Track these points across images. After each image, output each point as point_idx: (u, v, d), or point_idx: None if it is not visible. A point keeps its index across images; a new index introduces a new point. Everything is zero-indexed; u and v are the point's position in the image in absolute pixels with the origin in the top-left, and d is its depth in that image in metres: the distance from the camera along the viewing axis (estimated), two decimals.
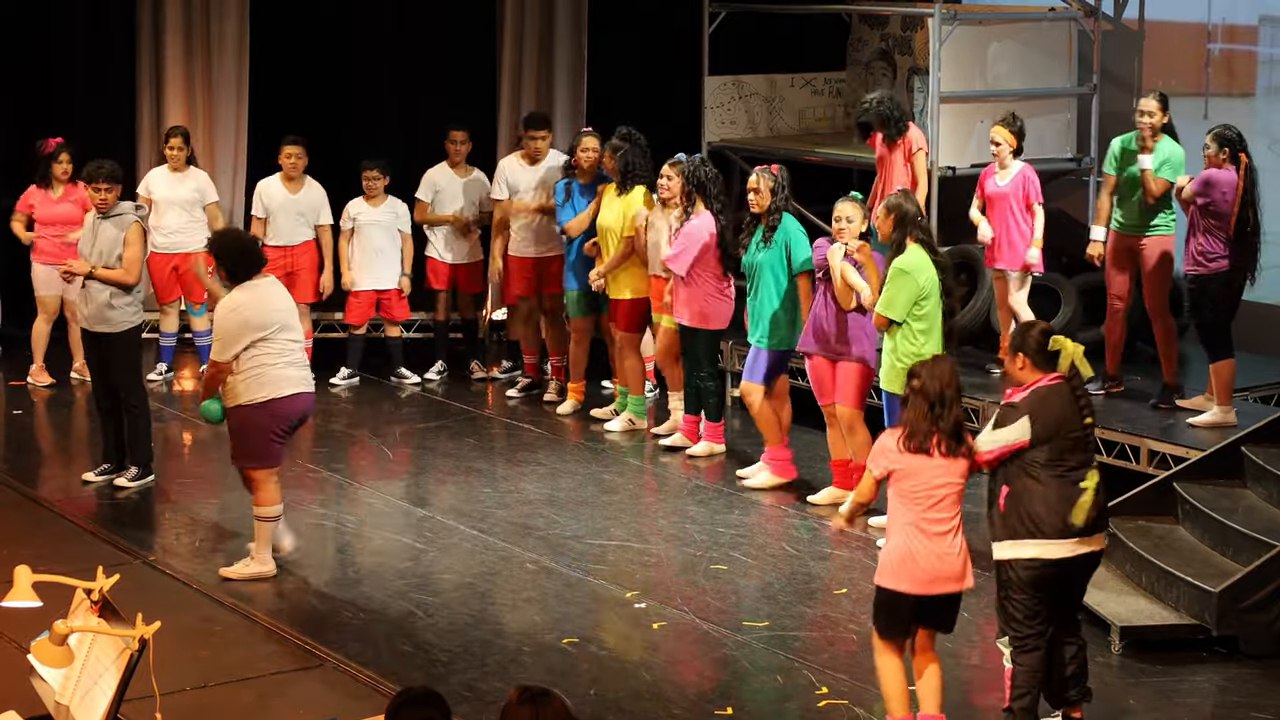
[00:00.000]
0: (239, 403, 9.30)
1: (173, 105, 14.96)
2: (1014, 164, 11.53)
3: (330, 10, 15.70)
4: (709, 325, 11.46)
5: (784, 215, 10.82)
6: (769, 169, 10.94)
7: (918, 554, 7.19)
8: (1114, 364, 11.55)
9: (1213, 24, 13.53)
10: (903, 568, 7.22)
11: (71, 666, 5.72)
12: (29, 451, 12.09)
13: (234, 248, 9.51)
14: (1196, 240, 10.62)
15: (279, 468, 9.54)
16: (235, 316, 9.24)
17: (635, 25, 15.62)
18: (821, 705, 7.96)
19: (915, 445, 7.21)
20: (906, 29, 15.30)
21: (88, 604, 5.74)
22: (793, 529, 10.41)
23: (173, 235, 13.47)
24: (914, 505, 7.22)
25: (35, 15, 14.86)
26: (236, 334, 9.21)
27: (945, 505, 7.21)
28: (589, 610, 9.18)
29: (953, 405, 7.20)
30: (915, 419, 7.22)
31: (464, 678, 8.21)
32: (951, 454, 7.20)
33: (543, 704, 4.87)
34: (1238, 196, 10.47)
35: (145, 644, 5.46)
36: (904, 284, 9.64)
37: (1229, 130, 10.62)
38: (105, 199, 10.87)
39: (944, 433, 7.19)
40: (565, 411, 12.72)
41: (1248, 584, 8.57)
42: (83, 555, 9.51)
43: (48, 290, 13.29)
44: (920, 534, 7.19)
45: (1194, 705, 8.13)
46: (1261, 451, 9.69)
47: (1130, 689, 8.20)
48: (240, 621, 8.93)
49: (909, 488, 7.23)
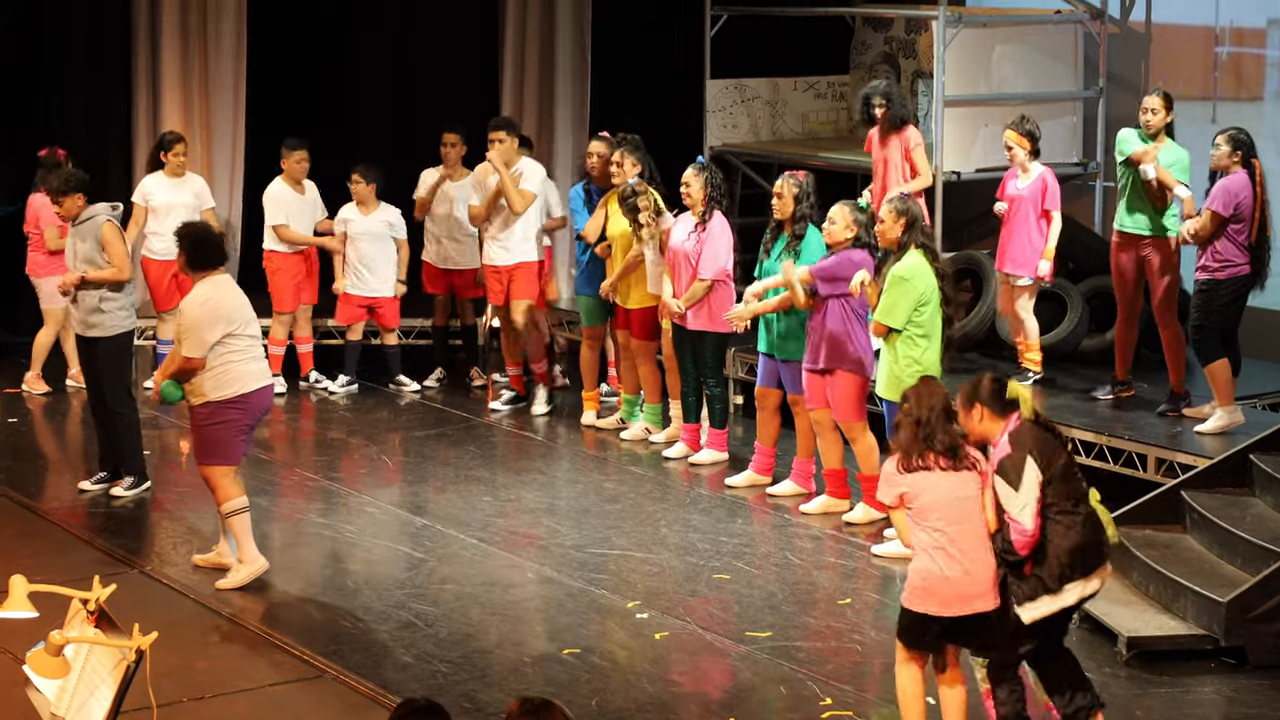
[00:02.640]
0: (208, 400, 9.33)
1: (169, 108, 14.96)
2: (1035, 167, 11.47)
3: (329, 10, 15.74)
4: (716, 328, 11.44)
5: (809, 226, 10.76)
6: (795, 175, 10.86)
7: (943, 575, 7.13)
8: (1124, 369, 11.55)
9: (1220, 27, 13.53)
10: (928, 590, 7.16)
11: (68, 677, 5.72)
12: (24, 459, 12.09)
13: (203, 236, 9.59)
14: (1214, 245, 10.58)
15: (238, 465, 9.57)
16: (207, 308, 9.29)
17: (637, 28, 15.64)
18: (825, 717, 7.96)
19: (911, 464, 7.20)
20: (910, 32, 15.31)
21: (84, 614, 5.74)
22: (795, 539, 10.41)
23: (173, 241, 13.43)
24: (931, 523, 7.17)
25: (31, 17, 14.87)
26: (210, 326, 9.25)
27: (967, 518, 7.15)
28: (591, 620, 9.18)
29: (939, 427, 7.17)
30: (907, 440, 7.23)
31: (465, 689, 8.22)
32: (954, 467, 7.18)
33: (544, 715, 4.86)
34: (1258, 201, 10.48)
35: (142, 654, 5.46)
36: (904, 291, 9.64)
37: (1242, 133, 10.60)
38: (68, 210, 10.94)
39: (938, 449, 7.17)
40: (588, 422, 12.71)
41: (1256, 594, 8.57)
42: (79, 565, 9.52)
43: (53, 303, 13.29)
44: (942, 553, 7.14)
45: (1201, 716, 8.13)
46: (1270, 459, 9.68)
47: (1137, 699, 8.20)
48: (238, 632, 8.94)
49: (921, 505, 7.19)
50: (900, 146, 12.20)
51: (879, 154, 12.32)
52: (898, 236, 9.74)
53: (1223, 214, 10.46)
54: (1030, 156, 11.45)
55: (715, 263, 11.29)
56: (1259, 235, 10.52)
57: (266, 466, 11.69)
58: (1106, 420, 11.13)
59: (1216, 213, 10.48)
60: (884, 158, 12.28)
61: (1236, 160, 10.52)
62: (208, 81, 15.06)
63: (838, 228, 10.25)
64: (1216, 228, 10.51)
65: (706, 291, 11.34)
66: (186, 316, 9.32)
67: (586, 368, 12.75)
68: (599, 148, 12.47)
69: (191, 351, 9.27)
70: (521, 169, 12.71)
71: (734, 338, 11.78)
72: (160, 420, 12.80)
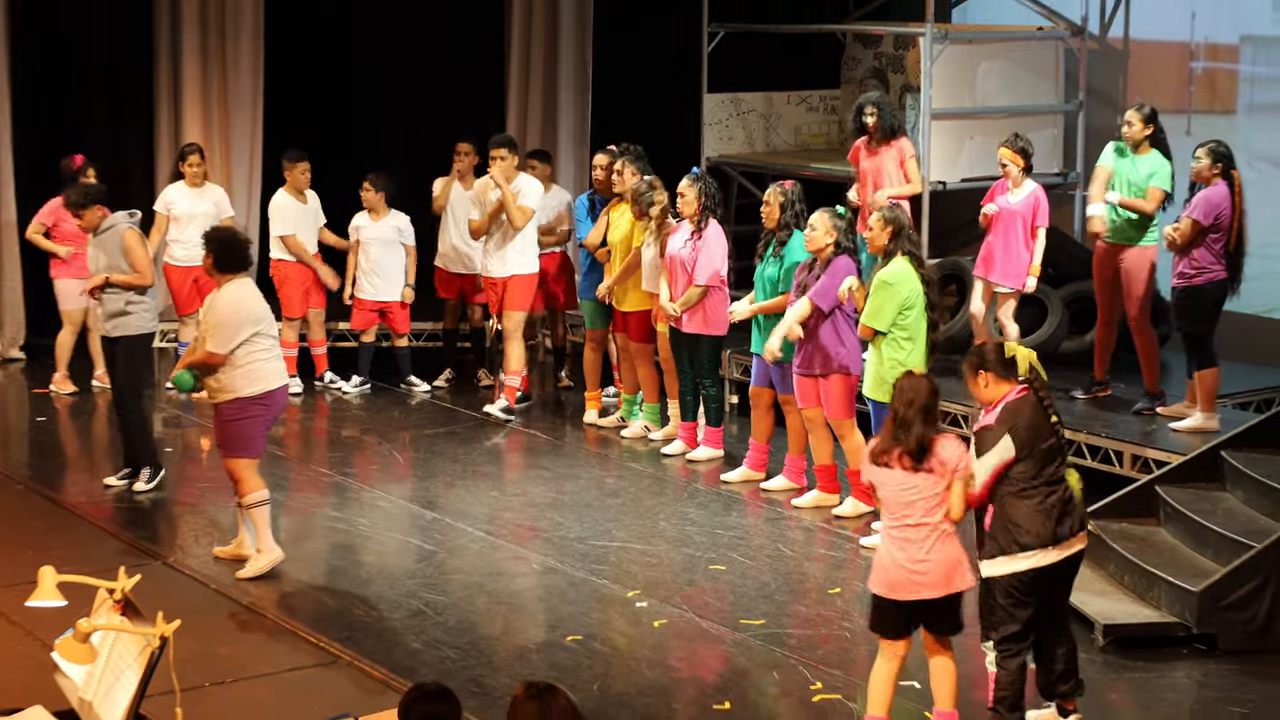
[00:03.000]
0: (237, 396, 9.37)
1: (190, 123, 15.00)
2: (1028, 184, 11.40)
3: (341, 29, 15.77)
4: (711, 331, 11.49)
5: (794, 232, 10.81)
6: (782, 185, 10.91)
7: (892, 562, 7.22)
8: (1102, 370, 11.60)
9: (1195, 43, 13.56)
10: (880, 574, 7.27)
11: (95, 663, 5.74)
12: (52, 457, 12.13)
13: (230, 241, 9.61)
14: (1191, 252, 10.63)
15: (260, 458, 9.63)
16: (237, 308, 9.34)
17: (637, 45, 15.66)
18: (816, 700, 8.00)
19: (875, 459, 7.25)
20: (899, 48, 15.34)
21: (110, 603, 5.77)
22: (787, 531, 10.44)
23: (194, 248, 13.47)
24: (888, 515, 7.27)
25: (55, 38, 14.89)
26: (238, 325, 9.29)
27: (914, 516, 7.17)
28: (592, 609, 9.21)
29: (915, 424, 7.16)
30: (884, 434, 7.27)
31: (472, 673, 8.25)
32: (914, 469, 7.17)
33: (548, 699, 4.89)
34: (1235, 211, 10.52)
35: (166, 641, 5.49)
36: (888, 295, 9.69)
37: (1221, 146, 10.63)
38: (89, 221, 10.99)
39: (905, 448, 7.16)
40: (590, 420, 12.73)
41: (1226, 584, 8.61)
42: (105, 556, 9.56)
43: (72, 304, 13.34)
44: (893, 543, 7.22)
45: (1174, 700, 8.17)
46: (1240, 456, 9.72)
47: (1113, 684, 8.24)
48: (257, 620, 8.97)
49: (881, 498, 7.31)
50: (896, 156, 12.25)
51: (868, 163, 12.36)
52: (885, 244, 9.79)
53: (1203, 223, 10.51)
54: (1023, 173, 11.44)
55: (710, 268, 11.34)
56: (1237, 244, 10.57)
57: (283, 463, 11.72)
58: (1084, 418, 11.17)
59: (1197, 221, 10.52)
60: (876, 167, 12.31)
61: (1217, 172, 10.56)
62: (227, 98, 15.10)
63: (819, 234, 10.30)
64: (1196, 235, 10.55)
65: (702, 296, 11.38)
66: (216, 313, 9.37)
67: (589, 369, 12.79)
68: (603, 160, 12.52)
69: (216, 347, 9.32)
70: (520, 185, 12.72)
71: (729, 340, 11.83)
72: (182, 419, 12.84)
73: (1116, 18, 14.00)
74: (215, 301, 9.43)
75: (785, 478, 11.14)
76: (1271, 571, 8.62)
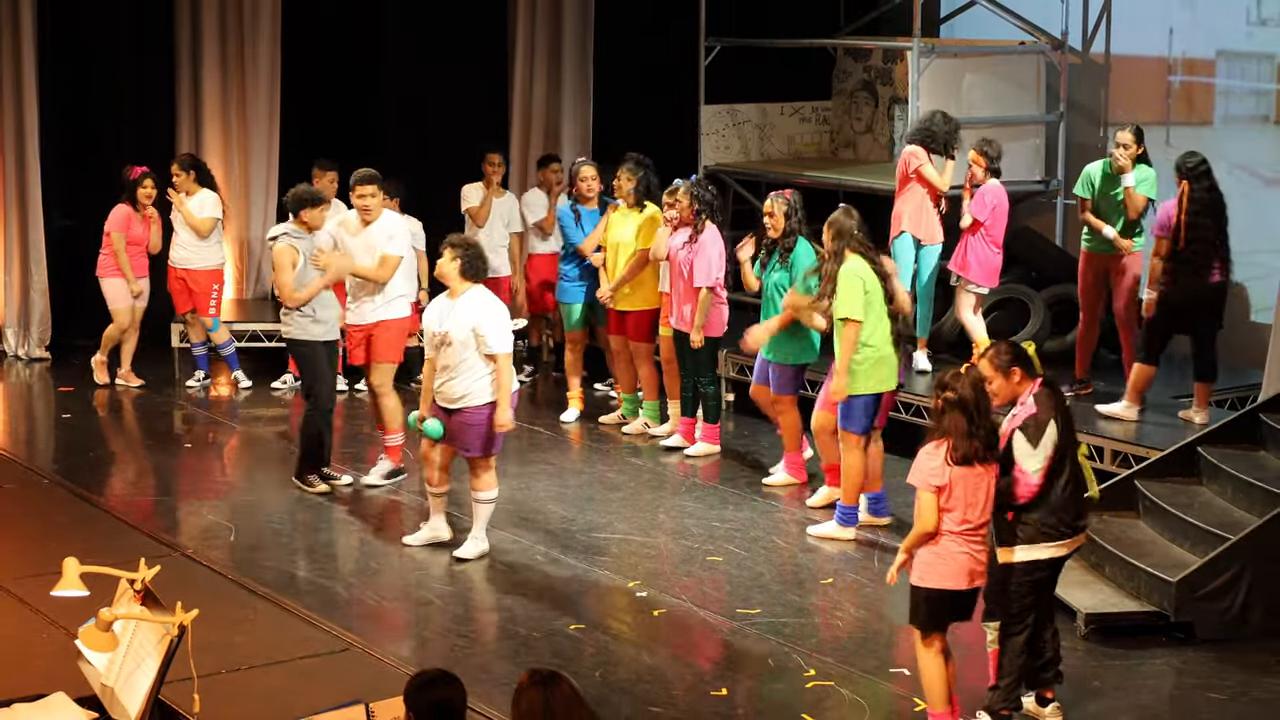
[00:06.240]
0: (489, 401, 9.46)
1: (210, 133, 14.97)
2: (990, 184, 11.50)
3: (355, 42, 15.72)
4: (709, 332, 11.46)
5: (799, 239, 10.77)
6: (782, 194, 10.85)
7: (966, 556, 7.11)
8: (1083, 369, 11.62)
9: (1173, 57, 13.54)
10: (951, 566, 7.10)
11: (116, 651, 5.74)
12: (77, 453, 12.08)
13: (479, 252, 9.64)
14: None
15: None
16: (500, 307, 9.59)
17: (637, 58, 15.64)
18: (809, 686, 7.97)
19: (961, 457, 7.05)
20: (887, 61, 15.33)
21: (131, 593, 5.76)
22: (782, 524, 10.41)
23: (181, 250, 13.49)
24: (954, 512, 7.08)
25: (80, 49, 14.85)
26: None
27: (984, 509, 7.12)
28: (594, 599, 9.20)
29: (987, 413, 7.11)
30: (958, 433, 7.05)
31: (478, 661, 8.23)
32: (989, 461, 7.13)
33: (552, 685, 4.88)
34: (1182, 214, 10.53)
35: (184, 630, 5.48)
36: (850, 285, 9.72)
37: (1185, 158, 10.66)
38: (313, 222, 10.73)
39: (983, 442, 7.08)
40: (570, 419, 12.69)
41: (1203, 574, 8.59)
42: (127, 548, 9.51)
43: (120, 303, 13.34)
44: (960, 537, 7.10)
45: (1153, 685, 8.14)
46: (1216, 451, 9.70)
47: (1095, 671, 8.21)
48: (272, 609, 8.94)
49: (953, 497, 7.09)
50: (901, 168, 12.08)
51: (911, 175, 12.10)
52: (829, 244, 9.88)
53: (1159, 234, 10.63)
54: (986, 173, 11.49)
55: (708, 271, 11.30)
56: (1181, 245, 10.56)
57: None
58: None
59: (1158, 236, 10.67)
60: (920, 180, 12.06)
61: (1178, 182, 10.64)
62: (245, 108, 15.06)
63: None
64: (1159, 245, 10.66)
65: (710, 299, 11.35)
66: (495, 314, 9.46)
67: (570, 368, 12.78)
68: (590, 171, 12.52)
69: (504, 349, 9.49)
70: (387, 226, 10.97)
71: (725, 340, 11.81)
72: (199, 416, 12.81)
73: (1098, 34, 13.98)
74: (486, 300, 9.51)
75: (786, 473, 11.11)
76: (1246, 562, 8.61)
